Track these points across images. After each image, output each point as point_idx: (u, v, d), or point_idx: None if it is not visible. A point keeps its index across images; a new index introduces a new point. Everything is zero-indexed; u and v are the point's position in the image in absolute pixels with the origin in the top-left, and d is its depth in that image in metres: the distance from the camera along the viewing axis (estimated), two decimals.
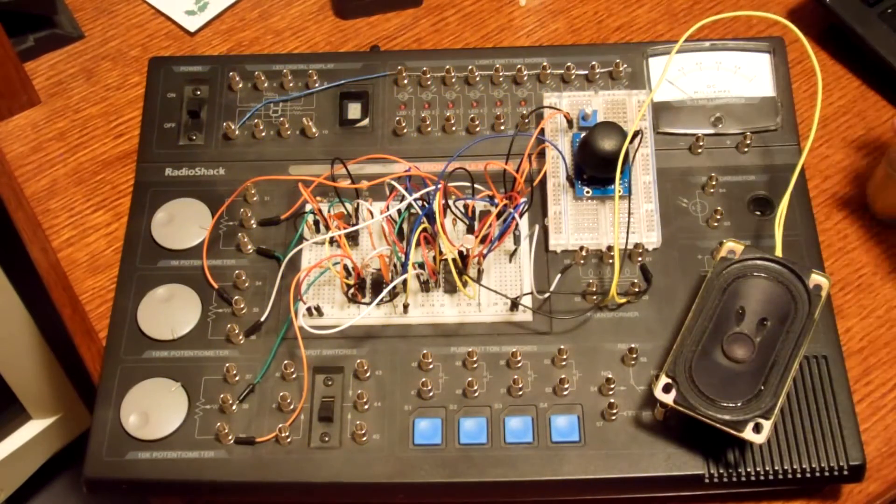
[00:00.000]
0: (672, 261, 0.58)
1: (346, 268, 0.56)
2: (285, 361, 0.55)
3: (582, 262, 0.58)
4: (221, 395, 0.53)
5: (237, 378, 0.55)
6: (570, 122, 0.61)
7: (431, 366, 0.55)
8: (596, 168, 0.58)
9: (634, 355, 0.54)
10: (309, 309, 0.56)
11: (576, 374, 0.54)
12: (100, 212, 0.66)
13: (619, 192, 0.57)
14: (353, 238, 0.58)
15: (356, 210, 0.58)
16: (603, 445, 0.53)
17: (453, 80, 0.64)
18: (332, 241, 0.56)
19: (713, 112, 0.63)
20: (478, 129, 0.62)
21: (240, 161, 0.62)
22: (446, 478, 0.52)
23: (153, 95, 0.64)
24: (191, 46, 0.73)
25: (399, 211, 0.57)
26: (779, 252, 0.55)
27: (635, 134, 0.58)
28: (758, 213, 0.60)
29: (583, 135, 0.59)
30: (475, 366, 0.55)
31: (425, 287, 0.57)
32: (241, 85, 0.64)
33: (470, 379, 0.54)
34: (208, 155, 0.62)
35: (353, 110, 0.63)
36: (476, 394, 0.54)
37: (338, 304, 0.57)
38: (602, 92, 0.62)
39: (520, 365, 0.54)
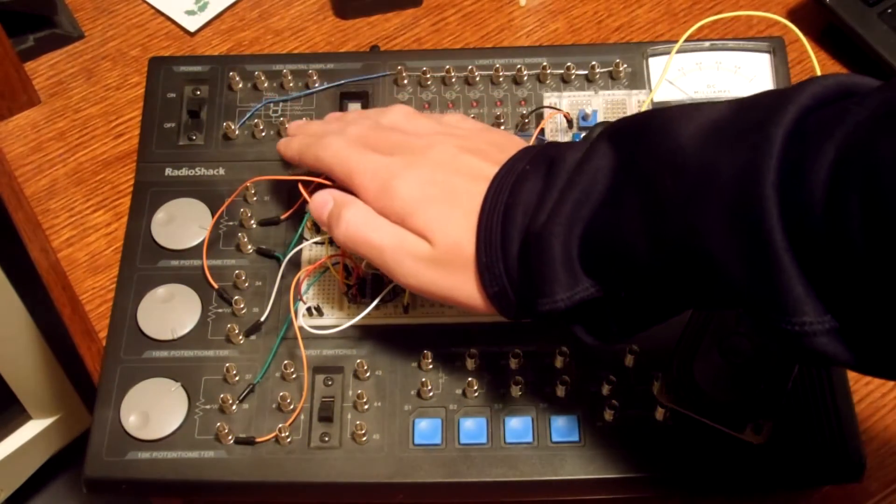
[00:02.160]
0: None
1: (346, 268, 0.56)
2: (285, 361, 0.55)
3: None
4: (221, 395, 0.53)
5: (237, 378, 0.55)
6: (570, 121, 0.61)
7: (431, 366, 0.55)
8: None
9: (634, 355, 0.54)
10: (309, 309, 0.56)
11: (576, 374, 0.54)
12: (100, 212, 0.66)
13: None
14: None
15: None
16: (603, 445, 0.52)
17: (453, 80, 0.64)
18: (332, 241, 0.56)
19: None
20: None
21: (240, 161, 0.62)
22: (446, 478, 0.52)
23: (153, 95, 0.64)
24: (191, 46, 0.73)
25: None
26: None
27: None
28: None
29: (583, 135, 0.59)
30: (475, 366, 0.55)
31: None
32: (241, 85, 0.64)
33: (470, 379, 0.54)
34: (208, 155, 0.62)
35: (354, 110, 0.63)
36: (476, 394, 0.54)
37: (338, 304, 0.57)
38: (602, 92, 0.62)
39: (520, 365, 0.54)
